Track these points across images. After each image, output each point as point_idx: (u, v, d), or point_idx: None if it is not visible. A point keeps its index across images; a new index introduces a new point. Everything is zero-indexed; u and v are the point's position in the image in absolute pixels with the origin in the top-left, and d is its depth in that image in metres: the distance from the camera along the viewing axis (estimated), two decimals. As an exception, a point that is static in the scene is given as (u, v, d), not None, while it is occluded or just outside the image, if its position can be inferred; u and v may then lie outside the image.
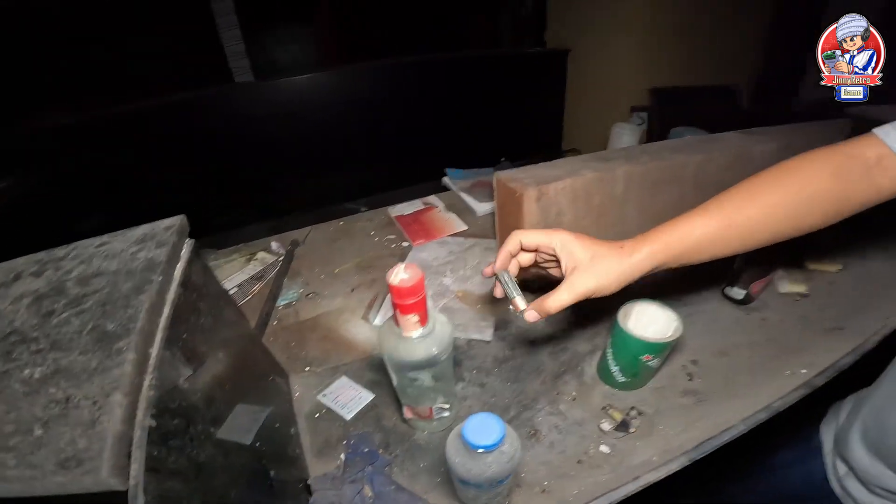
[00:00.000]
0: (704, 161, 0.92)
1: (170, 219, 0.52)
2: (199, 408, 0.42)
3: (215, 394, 0.46)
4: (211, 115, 1.66)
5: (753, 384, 0.65)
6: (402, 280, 0.44)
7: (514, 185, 0.79)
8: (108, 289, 0.41)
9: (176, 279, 0.45)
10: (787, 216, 0.50)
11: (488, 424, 0.41)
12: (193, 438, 0.38)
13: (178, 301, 0.44)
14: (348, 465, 0.58)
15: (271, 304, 0.90)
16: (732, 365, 0.68)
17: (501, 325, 0.79)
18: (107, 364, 0.34)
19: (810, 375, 0.65)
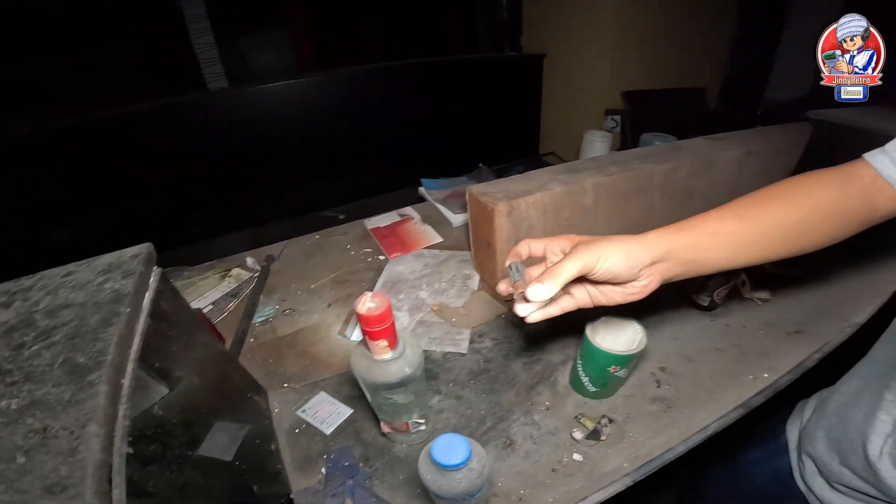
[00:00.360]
0: (671, 170, 0.95)
1: (136, 247, 0.52)
2: (176, 432, 0.43)
3: (191, 417, 0.47)
4: (183, 124, 1.61)
5: (718, 389, 0.68)
6: (369, 309, 0.45)
7: (486, 199, 0.80)
8: (77, 321, 0.42)
9: (144, 310, 0.46)
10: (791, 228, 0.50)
11: (455, 444, 0.43)
12: (172, 461, 0.40)
13: (148, 331, 0.44)
14: (329, 479, 0.60)
15: (247, 321, 0.91)
16: (698, 371, 0.71)
17: (476, 339, 0.81)
18: (80, 396, 0.35)
19: (773, 379, 0.68)
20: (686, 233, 0.48)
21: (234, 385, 0.65)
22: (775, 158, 1.07)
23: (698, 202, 1.03)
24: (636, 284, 0.47)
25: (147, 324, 0.45)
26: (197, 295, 0.99)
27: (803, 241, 0.51)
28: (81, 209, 1.52)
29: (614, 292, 0.49)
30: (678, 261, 0.48)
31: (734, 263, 0.50)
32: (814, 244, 0.51)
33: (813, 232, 0.51)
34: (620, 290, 0.48)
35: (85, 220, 1.52)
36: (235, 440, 0.57)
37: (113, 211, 1.56)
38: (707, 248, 0.48)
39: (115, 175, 1.55)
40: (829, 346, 0.72)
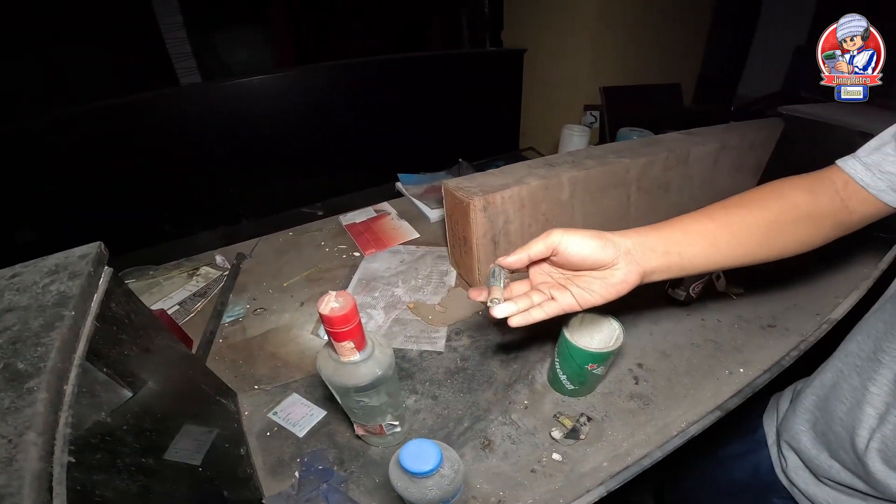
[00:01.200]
0: (647, 164, 0.95)
1: (85, 246, 0.50)
2: (127, 439, 0.40)
3: (147, 422, 0.44)
4: (154, 119, 1.57)
5: (694, 385, 0.67)
6: (332, 309, 0.43)
7: (461, 194, 0.79)
8: (19, 326, 0.39)
9: (92, 313, 0.44)
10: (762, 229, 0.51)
11: (425, 450, 0.41)
12: (123, 470, 0.37)
13: (95, 336, 0.42)
14: (303, 484, 0.58)
15: (216, 321, 0.87)
16: (675, 366, 0.71)
17: (453, 336, 0.79)
18: (19, 404, 0.33)
19: (750, 374, 0.68)
20: (660, 228, 0.50)
21: (198, 388, 0.62)
22: (749, 152, 1.08)
23: (674, 196, 1.03)
24: (617, 274, 0.47)
25: (94, 327, 0.42)
26: (162, 295, 0.96)
27: (778, 242, 0.52)
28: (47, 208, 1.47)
29: (598, 285, 0.47)
30: (655, 251, 0.48)
31: (713, 262, 0.51)
32: (791, 247, 0.52)
33: (786, 234, 0.51)
34: (602, 282, 0.47)
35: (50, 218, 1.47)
36: (202, 445, 0.55)
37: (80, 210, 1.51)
38: (680, 243, 0.49)
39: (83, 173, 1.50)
40: (805, 344, 0.73)
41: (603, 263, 0.47)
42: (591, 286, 0.48)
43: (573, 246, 0.46)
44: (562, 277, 0.51)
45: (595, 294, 0.48)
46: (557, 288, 0.50)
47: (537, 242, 0.48)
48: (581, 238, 0.46)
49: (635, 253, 0.47)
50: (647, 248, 0.48)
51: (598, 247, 0.46)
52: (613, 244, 0.47)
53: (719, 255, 0.50)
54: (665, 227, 0.50)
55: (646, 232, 0.49)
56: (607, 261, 0.46)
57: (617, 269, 0.47)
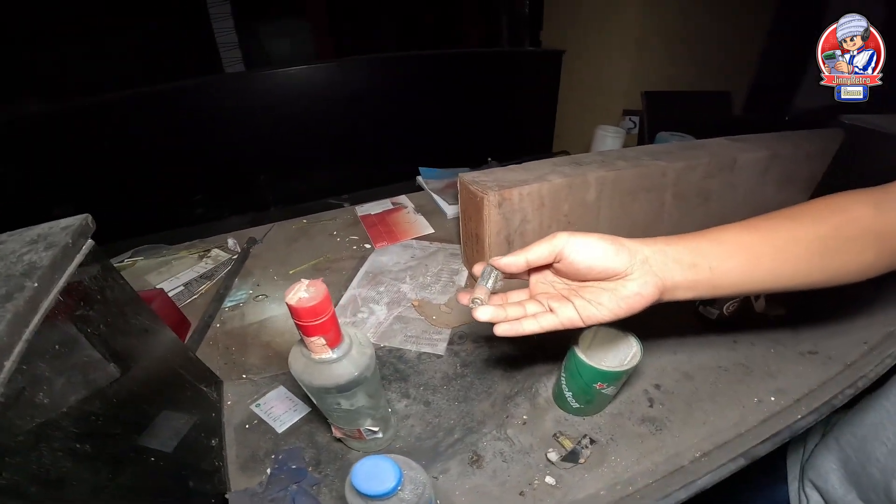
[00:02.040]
0: (686, 168, 0.87)
1: (71, 218, 0.47)
2: (62, 423, 0.36)
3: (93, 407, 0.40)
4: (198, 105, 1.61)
5: (716, 412, 0.59)
6: (300, 300, 0.37)
7: (476, 187, 0.73)
8: None
9: (58, 286, 0.40)
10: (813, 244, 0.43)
11: (381, 469, 0.35)
12: (46, 455, 0.34)
13: (56, 310, 0.39)
14: (272, 482, 0.53)
15: (216, 305, 0.84)
16: (696, 390, 0.62)
17: (456, 340, 0.73)
18: None
19: (782, 403, 0.60)
20: (688, 237, 0.43)
21: (177, 374, 0.58)
22: (802, 163, 0.98)
23: (714, 206, 0.95)
24: (630, 286, 0.39)
25: (56, 301, 0.39)
26: (170, 275, 0.94)
27: (833, 262, 0.43)
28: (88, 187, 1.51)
29: (606, 298, 0.40)
30: (681, 262, 0.41)
31: (752, 280, 0.42)
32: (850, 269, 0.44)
33: (845, 253, 0.43)
34: (612, 294, 0.40)
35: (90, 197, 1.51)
36: (176, 434, 0.51)
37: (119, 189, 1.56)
38: (712, 255, 0.41)
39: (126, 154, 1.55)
40: (864, 381, 0.62)
41: (614, 272, 0.40)
42: (599, 298, 0.41)
43: (579, 250, 0.40)
44: (565, 289, 0.45)
45: (603, 308, 0.40)
46: (558, 299, 0.43)
47: (540, 245, 0.42)
48: (590, 241, 0.40)
49: (655, 263, 0.40)
50: (669, 259, 0.41)
51: (610, 252, 0.39)
52: (628, 250, 0.40)
53: (760, 273, 0.42)
54: (694, 237, 0.43)
55: (670, 240, 0.42)
56: (619, 269, 0.40)
57: (630, 280, 0.40)
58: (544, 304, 0.43)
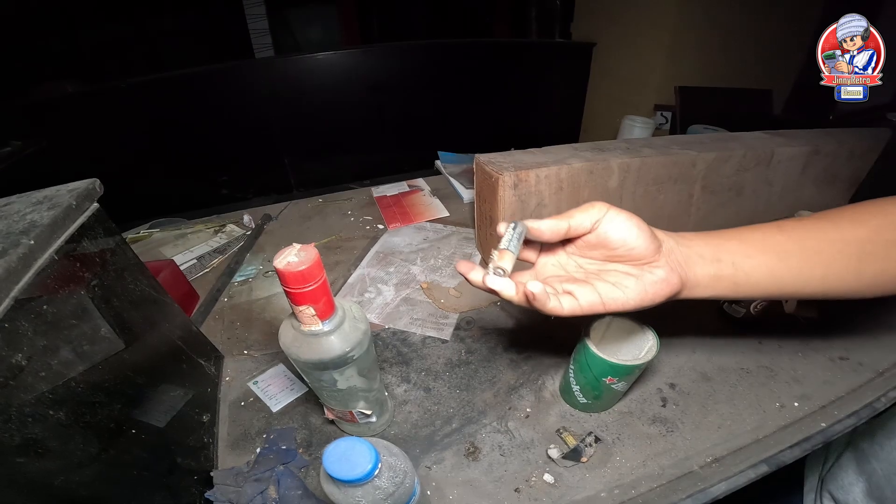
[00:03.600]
0: (718, 160, 0.82)
1: (78, 182, 0.47)
2: (38, 386, 0.35)
3: (82, 375, 0.39)
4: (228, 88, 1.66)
5: (734, 416, 0.55)
6: (289, 263, 0.35)
7: (491, 168, 0.70)
8: None
9: (54, 245, 0.40)
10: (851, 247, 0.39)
11: (356, 453, 0.32)
12: (12, 418, 0.32)
13: (48, 269, 0.38)
14: (259, 462, 0.52)
15: (226, 279, 0.84)
16: (714, 392, 0.58)
17: (463, 325, 0.71)
18: None
19: (806, 409, 0.55)
20: (710, 233, 0.40)
21: (175, 347, 0.57)
22: (845, 162, 0.92)
23: (747, 201, 0.89)
24: (657, 272, 0.36)
25: (50, 260, 0.38)
26: (185, 248, 0.94)
27: (871, 267, 0.39)
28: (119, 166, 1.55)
29: (632, 282, 0.37)
30: (703, 257, 0.38)
31: (779, 282, 0.39)
32: (890, 275, 0.39)
33: (884, 258, 0.39)
34: (637, 280, 0.37)
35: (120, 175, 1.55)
36: (170, 408, 0.50)
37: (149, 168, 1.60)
38: (736, 252, 0.39)
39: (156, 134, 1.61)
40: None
41: (642, 255, 0.37)
42: (625, 282, 0.37)
43: (618, 224, 0.36)
44: (580, 271, 0.41)
45: (629, 292, 0.36)
46: (575, 282, 0.38)
47: (582, 212, 0.37)
48: (628, 216, 0.37)
49: (677, 254, 0.38)
50: (693, 252, 0.38)
51: (645, 232, 0.37)
52: (657, 237, 0.37)
53: (788, 275, 0.39)
54: (719, 233, 0.40)
55: (693, 235, 0.40)
56: (650, 253, 0.37)
57: (657, 267, 0.37)
58: (557, 289, 0.38)
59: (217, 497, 0.48)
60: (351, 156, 1.79)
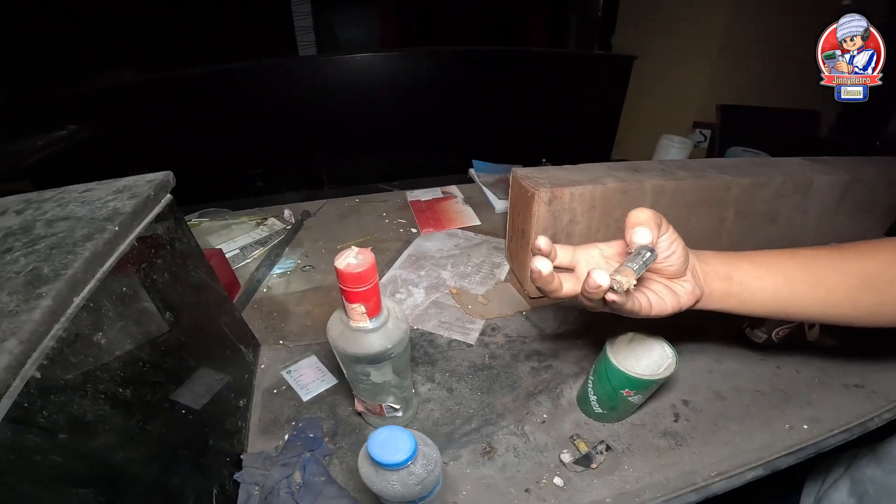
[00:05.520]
0: (754, 186, 0.82)
1: (155, 173, 0.51)
2: (112, 365, 0.39)
3: (147, 353, 0.43)
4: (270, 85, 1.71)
5: (742, 433, 0.56)
6: (348, 265, 0.39)
7: (528, 183, 0.72)
8: (65, 233, 0.40)
9: (135, 232, 0.44)
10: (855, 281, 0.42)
11: (397, 440, 0.36)
12: (88, 395, 0.35)
13: (129, 254, 0.42)
14: (287, 448, 0.55)
15: (266, 270, 0.89)
16: (726, 411, 0.60)
17: (488, 331, 0.73)
18: (21, 308, 0.32)
19: (814, 432, 0.57)
20: (724, 253, 0.45)
21: (220, 332, 0.62)
22: (884, 191, 0.90)
23: (781, 228, 0.89)
24: (685, 286, 0.42)
25: (130, 245, 0.43)
26: (229, 238, 0.99)
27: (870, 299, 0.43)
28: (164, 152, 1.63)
29: (666, 293, 0.41)
30: (717, 273, 0.43)
31: (783, 304, 0.43)
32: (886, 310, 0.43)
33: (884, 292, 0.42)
34: (669, 291, 0.41)
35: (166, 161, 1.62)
36: (210, 390, 0.54)
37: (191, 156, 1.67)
38: (746, 272, 0.43)
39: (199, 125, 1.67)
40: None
41: (679, 273, 0.42)
42: (661, 292, 0.41)
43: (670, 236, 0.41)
44: None
45: (667, 300, 0.41)
46: None
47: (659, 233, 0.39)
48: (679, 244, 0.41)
49: (698, 270, 0.43)
50: (709, 269, 0.43)
51: (685, 254, 0.41)
52: (688, 257, 0.42)
53: (791, 298, 0.43)
54: (732, 255, 0.45)
55: (710, 253, 0.45)
56: (683, 270, 0.42)
57: (685, 281, 0.42)
58: None
59: (245, 479, 0.52)
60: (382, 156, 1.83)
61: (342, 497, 0.50)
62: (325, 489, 0.51)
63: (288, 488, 0.51)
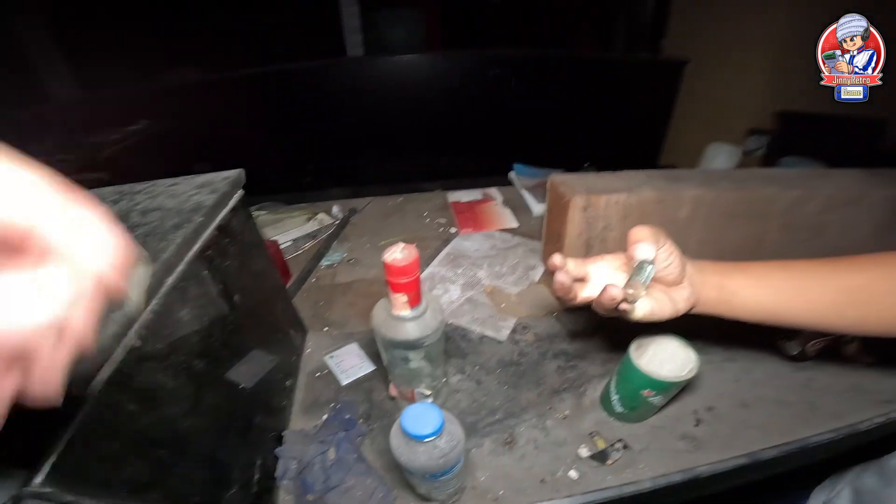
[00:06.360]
0: (801, 199, 0.80)
1: (229, 171, 0.58)
2: (191, 339, 0.44)
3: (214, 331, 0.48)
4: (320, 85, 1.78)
5: (760, 440, 0.57)
6: (395, 259, 0.44)
7: (564, 189, 0.75)
8: (158, 222, 0.47)
9: (215, 222, 0.51)
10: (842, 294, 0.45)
11: (428, 416, 0.41)
12: (170, 366, 0.41)
13: (210, 241, 0.48)
14: (325, 427, 0.60)
15: (315, 262, 0.95)
16: (748, 419, 0.60)
17: (519, 330, 0.76)
18: None
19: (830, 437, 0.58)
20: (718, 263, 0.49)
21: (275, 316, 0.68)
22: (944, 208, 0.86)
23: (828, 242, 0.86)
24: (683, 293, 0.46)
25: (212, 234, 0.49)
26: (282, 230, 1.07)
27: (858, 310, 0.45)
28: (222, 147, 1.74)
29: (664, 298, 0.46)
30: (710, 283, 0.47)
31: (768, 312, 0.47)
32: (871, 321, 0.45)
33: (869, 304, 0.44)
34: (667, 297, 0.46)
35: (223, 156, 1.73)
36: (261, 370, 0.59)
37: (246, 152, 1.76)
38: (738, 282, 0.47)
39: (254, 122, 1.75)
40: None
41: (677, 281, 0.46)
42: (660, 298, 0.46)
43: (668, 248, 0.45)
44: None
45: (665, 306, 0.45)
46: None
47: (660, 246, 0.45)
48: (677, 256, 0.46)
49: (695, 278, 0.47)
50: (705, 277, 0.47)
51: (682, 265, 0.45)
52: (685, 267, 0.46)
53: (777, 308, 0.47)
54: (727, 264, 0.49)
55: (704, 263, 0.48)
56: (681, 279, 0.46)
57: (683, 288, 0.46)
58: None
59: (284, 454, 0.57)
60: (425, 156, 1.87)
61: (370, 474, 0.54)
62: (355, 466, 0.55)
63: (322, 464, 0.56)
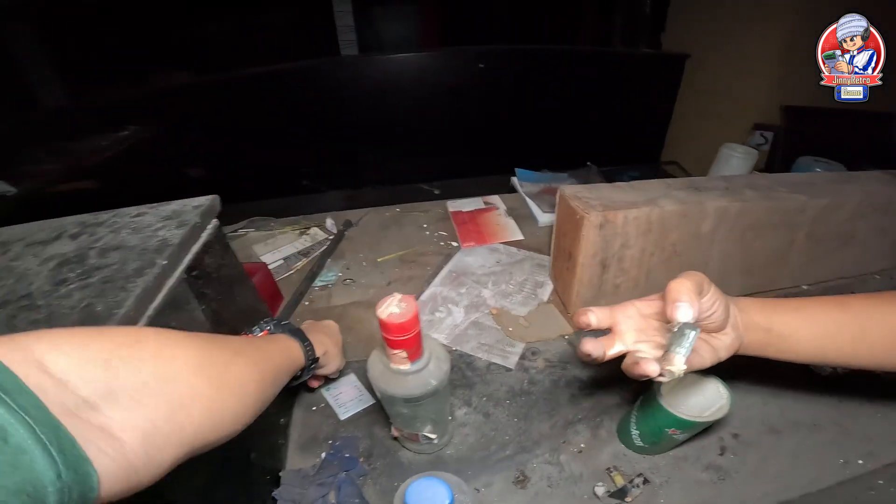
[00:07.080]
0: (830, 207, 0.75)
1: (201, 198, 0.52)
2: None
3: None
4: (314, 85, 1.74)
5: (794, 469, 0.53)
6: (391, 315, 0.39)
7: (577, 204, 0.69)
8: (118, 265, 0.42)
9: (184, 263, 0.45)
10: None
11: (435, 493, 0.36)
12: None
13: (177, 288, 0.43)
14: (324, 467, 0.56)
15: (308, 283, 0.90)
16: (779, 446, 0.56)
17: (528, 356, 0.71)
18: None
19: (868, 467, 0.53)
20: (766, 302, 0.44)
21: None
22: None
23: (855, 250, 0.82)
24: (725, 340, 0.41)
25: (180, 279, 0.44)
26: (273, 248, 1.02)
27: None
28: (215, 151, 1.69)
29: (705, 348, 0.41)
30: (756, 325, 0.42)
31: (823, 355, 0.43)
32: None
33: None
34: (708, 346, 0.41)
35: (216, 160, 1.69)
36: None
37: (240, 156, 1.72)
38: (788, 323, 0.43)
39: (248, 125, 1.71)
40: None
41: (720, 328, 0.41)
42: (699, 349, 0.40)
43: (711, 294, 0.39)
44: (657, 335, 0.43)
45: (706, 355, 0.40)
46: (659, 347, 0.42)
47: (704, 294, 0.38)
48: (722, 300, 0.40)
49: (738, 321, 0.42)
50: (750, 320, 0.42)
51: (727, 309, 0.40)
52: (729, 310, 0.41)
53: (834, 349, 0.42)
54: (772, 302, 0.44)
55: (747, 301, 0.43)
56: (724, 325, 0.41)
57: (725, 335, 0.41)
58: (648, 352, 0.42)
59: (282, 496, 0.52)
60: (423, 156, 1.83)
61: (374, 522, 0.49)
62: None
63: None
